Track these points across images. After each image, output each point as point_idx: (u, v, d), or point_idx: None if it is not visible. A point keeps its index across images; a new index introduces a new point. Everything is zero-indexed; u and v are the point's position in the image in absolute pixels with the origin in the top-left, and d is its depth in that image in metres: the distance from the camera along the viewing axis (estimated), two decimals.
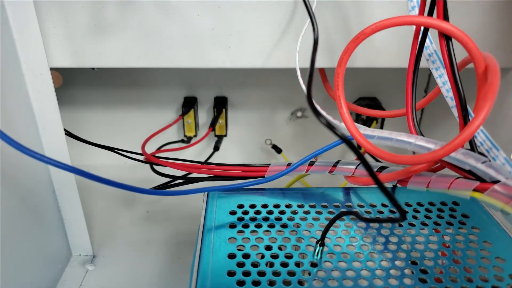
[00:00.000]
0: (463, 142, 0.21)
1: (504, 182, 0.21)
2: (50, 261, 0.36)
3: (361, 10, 0.32)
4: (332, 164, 0.28)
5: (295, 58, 0.30)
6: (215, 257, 0.23)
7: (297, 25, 0.32)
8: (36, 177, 0.33)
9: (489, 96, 0.21)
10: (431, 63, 0.27)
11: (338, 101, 0.26)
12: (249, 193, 0.29)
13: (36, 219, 0.33)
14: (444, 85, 0.27)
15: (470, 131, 0.21)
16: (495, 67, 0.22)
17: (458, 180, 0.23)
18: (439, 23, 0.24)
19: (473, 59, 0.24)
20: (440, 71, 0.27)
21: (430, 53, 0.27)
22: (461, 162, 0.23)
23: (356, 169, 0.28)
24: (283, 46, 0.32)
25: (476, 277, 0.22)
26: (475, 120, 0.21)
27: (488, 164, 0.22)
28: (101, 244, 0.41)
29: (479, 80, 0.23)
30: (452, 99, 0.26)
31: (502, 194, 0.21)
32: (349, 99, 0.54)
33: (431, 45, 0.27)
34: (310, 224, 0.26)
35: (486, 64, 0.23)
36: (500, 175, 0.22)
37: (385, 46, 0.33)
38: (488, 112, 0.21)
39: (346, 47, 0.26)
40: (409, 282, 0.22)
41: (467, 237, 0.25)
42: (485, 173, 0.22)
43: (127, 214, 0.47)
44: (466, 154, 0.23)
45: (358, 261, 0.23)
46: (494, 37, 0.34)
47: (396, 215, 0.23)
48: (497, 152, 0.24)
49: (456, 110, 0.25)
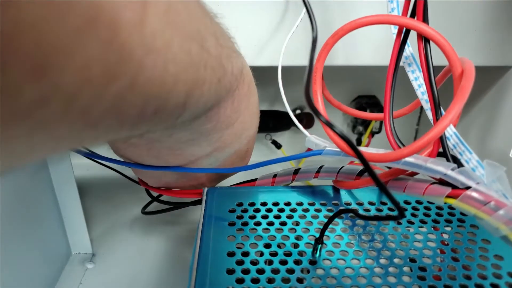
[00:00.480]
0: (429, 142, 0.22)
1: (475, 188, 0.21)
2: (49, 259, 0.36)
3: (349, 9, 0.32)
4: (316, 171, 0.29)
5: (280, 57, 0.30)
6: (214, 255, 0.24)
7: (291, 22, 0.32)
8: (35, 175, 0.33)
9: (459, 98, 0.21)
10: (407, 66, 0.28)
11: (315, 97, 0.27)
12: (248, 192, 0.29)
13: (36, 217, 0.33)
14: (420, 87, 0.27)
15: (437, 131, 0.21)
16: (471, 72, 0.22)
17: (432, 186, 0.23)
18: (417, 24, 0.25)
19: (450, 63, 0.24)
20: (416, 73, 0.27)
21: (407, 55, 0.28)
22: (431, 171, 0.23)
23: (339, 174, 0.28)
24: (277, 44, 0.33)
25: (475, 274, 0.22)
26: (442, 120, 0.21)
27: (458, 170, 0.22)
28: (100, 242, 0.41)
29: (455, 83, 0.24)
30: (427, 102, 0.26)
31: (473, 200, 0.21)
32: (348, 97, 0.54)
33: (408, 48, 0.27)
34: (309, 222, 0.26)
35: (462, 68, 0.23)
36: (471, 180, 0.22)
37: (385, 43, 0.33)
38: (457, 113, 0.21)
39: (325, 42, 0.27)
40: (408, 280, 0.22)
41: (465, 236, 0.25)
42: (456, 180, 0.22)
43: (126, 212, 0.47)
44: (435, 163, 0.23)
45: (356, 258, 0.23)
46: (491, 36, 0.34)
47: (395, 213, 0.23)
48: (470, 155, 0.24)
49: (430, 113, 0.26)
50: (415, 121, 0.56)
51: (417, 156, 0.23)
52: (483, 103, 0.43)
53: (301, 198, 0.28)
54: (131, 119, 0.15)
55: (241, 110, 0.26)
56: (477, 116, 0.44)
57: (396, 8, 0.27)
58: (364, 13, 0.32)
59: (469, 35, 0.34)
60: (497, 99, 0.40)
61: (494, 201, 0.21)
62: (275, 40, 0.33)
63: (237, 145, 0.28)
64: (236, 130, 0.27)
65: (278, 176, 0.30)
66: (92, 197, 0.48)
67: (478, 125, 0.44)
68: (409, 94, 0.30)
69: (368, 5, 0.32)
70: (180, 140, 0.25)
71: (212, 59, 0.19)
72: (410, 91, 0.28)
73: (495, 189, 0.22)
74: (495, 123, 0.40)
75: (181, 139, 0.25)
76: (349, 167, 0.28)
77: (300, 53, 0.35)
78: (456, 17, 0.33)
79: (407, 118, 0.54)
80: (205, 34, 0.18)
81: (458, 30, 0.34)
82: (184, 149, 0.26)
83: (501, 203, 0.21)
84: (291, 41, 0.31)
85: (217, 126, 0.25)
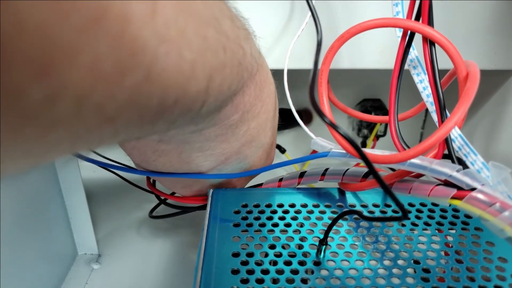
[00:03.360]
0: (434, 144, 0.22)
1: (480, 189, 0.21)
2: (55, 259, 0.36)
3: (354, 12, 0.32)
4: (321, 173, 0.29)
5: (285, 60, 0.31)
6: (219, 255, 0.24)
7: (296, 25, 0.32)
8: (43, 176, 0.33)
9: (464, 101, 0.21)
10: (412, 68, 0.28)
11: (321, 99, 0.27)
12: (253, 193, 0.30)
13: (43, 217, 0.33)
14: (425, 90, 0.27)
15: (441, 134, 0.21)
16: (475, 74, 0.22)
17: (438, 188, 0.23)
18: (422, 27, 0.25)
19: (455, 65, 0.24)
20: (421, 76, 0.27)
21: (412, 58, 0.28)
22: (436, 172, 0.23)
23: (344, 176, 0.28)
24: (282, 47, 0.33)
25: (479, 276, 0.22)
26: (447, 122, 0.21)
27: (463, 172, 0.22)
28: (106, 243, 0.42)
29: (460, 86, 0.24)
30: (432, 104, 0.26)
31: (478, 201, 0.21)
32: (354, 101, 0.54)
33: (413, 51, 0.28)
34: (314, 223, 0.26)
35: (467, 71, 0.23)
36: (476, 182, 0.22)
37: (389, 47, 0.33)
38: (462, 115, 0.21)
39: (330, 45, 0.27)
40: (412, 281, 0.22)
41: (470, 238, 0.25)
42: (461, 181, 0.22)
43: (132, 213, 0.47)
44: (440, 164, 0.23)
45: (361, 260, 0.24)
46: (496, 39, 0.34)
47: (399, 215, 0.23)
48: (475, 157, 0.24)
49: (435, 115, 0.26)
50: (420, 124, 0.56)
51: (423, 157, 0.23)
52: (487, 107, 0.43)
53: (305, 199, 0.29)
54: (151, 111, 0.15)
55: (264, 98, 0.26)
56: (481, 119, 0.44)
57: (401, 11, 0.28)
58: (369, 16, 0.32)
59: (473, 39, 0.34)
60: (502, 102, 0.40)
61: (499, 203, 0.21)
62: (280, 43, 0.33)
63: (263, 138, 0.29)
64: (261, 120, 0.27)
65: (284, 180, 0.30)
66: (98, 198, 0.48)
67: (482, 128, 0.44)
68: (414, 97, 0.30)
69: (374, 7, 0.32)
70: (209, 137, 0.25)
71: (230, 41, 0.19)
72: (415, 94, 0.28)
73: (500, 191, 0.22)
74: (500, 126, 0.40)
75: (210, 136, 0.25)
76: (355, 169, 0.28)
77: (305, 56, 0.36)
78: (460, 20, 0.33)
79: (412, 122, 0.54)
80: (220, 17, 0.18)
81: (462, 33, 0.34)
82: (214, 148, 0.26)
83: (506, 204, 0.21)
84: (296, 44, 0.32)
85: (243, 117, 0.25)
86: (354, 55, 0.35)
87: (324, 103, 0.27)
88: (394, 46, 0.33)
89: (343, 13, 0.32)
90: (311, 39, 0.34)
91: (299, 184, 0.30)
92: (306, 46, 0.35)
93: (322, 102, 0.27)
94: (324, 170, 0.29)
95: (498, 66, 0.35)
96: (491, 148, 0.42)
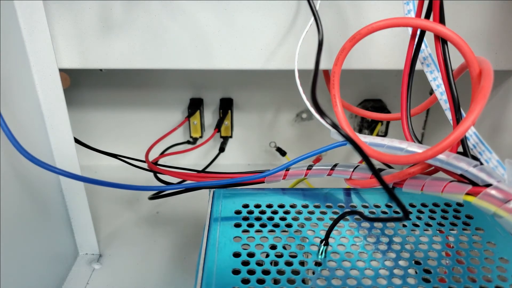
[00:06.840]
0: (452, 143, 0.22)
1: (496, 186, 0.21)
2: (57, 259, 0.36)
3: (362, 12, 0.32)
4: (330, 168, 0.29)
5: (295, 59, 0.31)
6: (221, 255, 0.24)
7: (302, 26, 0.32)
8: (44, 177, 0.33)
9: (479, 99, 0.21)
10: (426, 66, 0.28)
11: (334, 100, 0.27)
12: (254, 193, 0.30)
13: (44, 218, 0.33)
14: (438, 88, 0.27)
15: (459, 133, 0.21)
16: (489, 71, 0.22)
17: (452, 184, 0.23)
18: (434, 25, 0.25)
19: (468, 63, 0.24)
20: (434, 74, 0.27)
21: (425, 56, 0.28)
22: (453, 166, 0.23)
23: (354, 172, 0.28)
24: (288, 47, 0.33)
25: (480, 277, 0.22)
26: (464, 122, 0.21)
27: (479, 168, 0.22)
28: (107, 243, 0.42)
29: (473, 83, 0.24)
30: (446, 102, 0.26)
31: (494, 198, 0.21)
32: (354, 101, 0.54)
33: (426, 49, 0.27)
34: (315, 224, 0.26)
35: (480, 68, 0.23)
36: (492, 178, 0.22)
37: (391, 47, 0.33)
38: (478, 114, 0.21)
39: (342, 46, 0.27)
40: (413, 282, 0.22)
41: (471, 238, 0.25)
42: (477, 177, 0.22)
43: (133, 213, 0.47)
44: (457, 159, 0.23)
45: (362, 260, 0.24)
46: (498, 40, 0.34)
47: (400, 215, 0.23)
48: (490, 155, 0.24)
49: (449, 113, 0.26)
50: (421, 124, 0.56)
51: None
52: (489, 107, 0.43)
53: (306, 200, 0.29)
54: None
55: None
56: (482, 120, 0.44)
57: (413, 9, 0.27)
58: (378, 16, 0.32)
59: (475, 39, 0.34)
60: (503, 103, 0.40)
61: None
62: (285, 45, 0.33)
63: None
64: None
65: (291, 170, 0.29)
66: (99, 199, 0.48)
67: (484, 128, 0.44)
68: (414, 97, 0.30)
69: (382, 7, 0.32)
70: None
71: None
72: (415, 94, 0.28)
73: None
74: (502, 126, 0.40)
75: None
76: (364, 165, 0.28)
77: (309, 57, 0.35)
78: (463, 21, 0.33)
79: (413, 122, 0.54)
80: None
81: (464, 34, 0.34)
82: None
83: None
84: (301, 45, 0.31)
85: None
86: (355, 55, 0.35)
87: (337, 104, 0.27)
88: (395, 47, 0.33)
89: (352, 14, 0.32)
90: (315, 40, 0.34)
91: (306, 176, 0.29)
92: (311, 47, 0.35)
93: (335, 104, 0.27)
94: (333, 165, 0.29)
95: (499, 66, 0.35)
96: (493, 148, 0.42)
